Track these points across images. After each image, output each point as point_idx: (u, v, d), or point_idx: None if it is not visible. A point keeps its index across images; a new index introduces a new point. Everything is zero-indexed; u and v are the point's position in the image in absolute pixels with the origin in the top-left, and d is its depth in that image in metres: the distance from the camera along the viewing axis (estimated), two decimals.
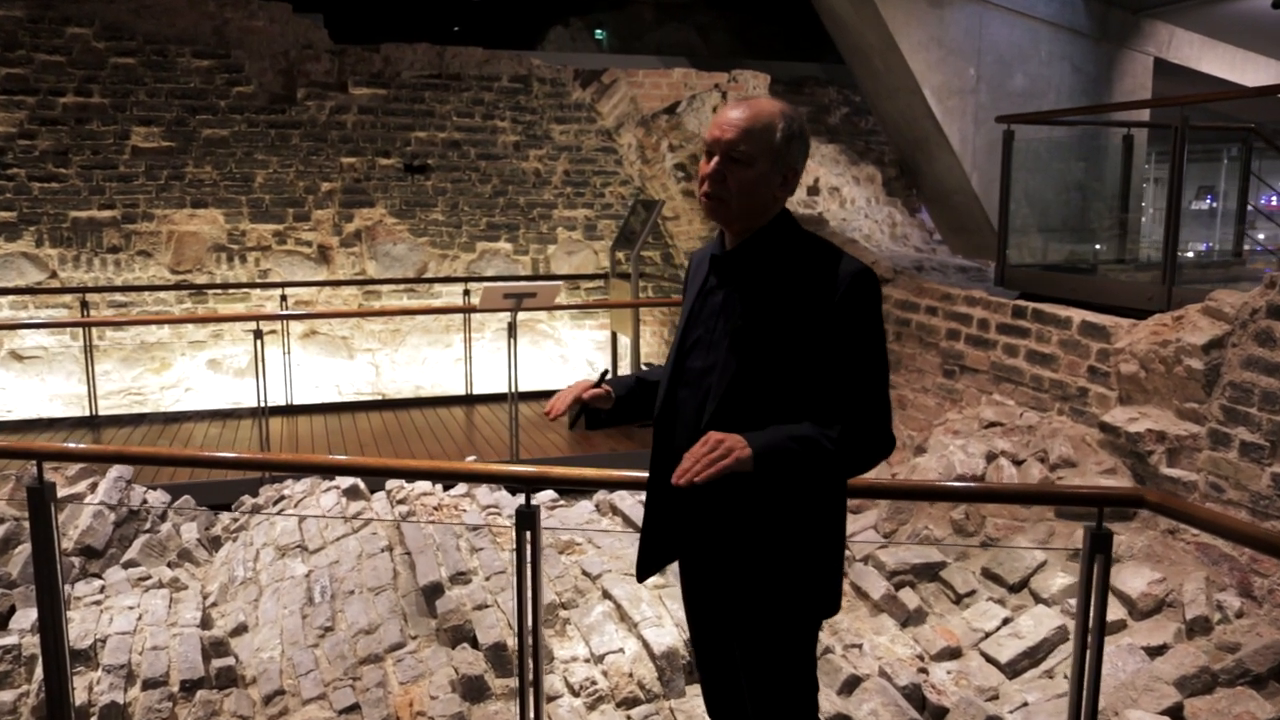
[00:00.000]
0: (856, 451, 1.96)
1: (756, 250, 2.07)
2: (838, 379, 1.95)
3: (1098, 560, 2.35)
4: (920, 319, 6.41)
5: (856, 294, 1.96)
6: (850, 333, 1.96)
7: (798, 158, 2.04)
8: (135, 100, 8.06)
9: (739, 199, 2.02)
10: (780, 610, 2.07)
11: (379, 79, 8.71)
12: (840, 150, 10.38)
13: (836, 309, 1.95)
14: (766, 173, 2.01)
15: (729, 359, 2.03)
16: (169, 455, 3.00)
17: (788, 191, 2.07)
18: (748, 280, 2.06)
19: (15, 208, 7.93)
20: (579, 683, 3.47)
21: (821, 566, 2.09)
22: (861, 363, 1.97)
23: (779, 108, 2.03)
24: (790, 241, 2.06)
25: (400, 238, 9.00)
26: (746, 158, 1.99)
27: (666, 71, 9.63)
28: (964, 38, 9.51)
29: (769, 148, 2.00)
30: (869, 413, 1.96)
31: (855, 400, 1.95)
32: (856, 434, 1.94)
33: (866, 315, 1.98)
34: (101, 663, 3.69)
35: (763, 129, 1.99)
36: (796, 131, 2.03)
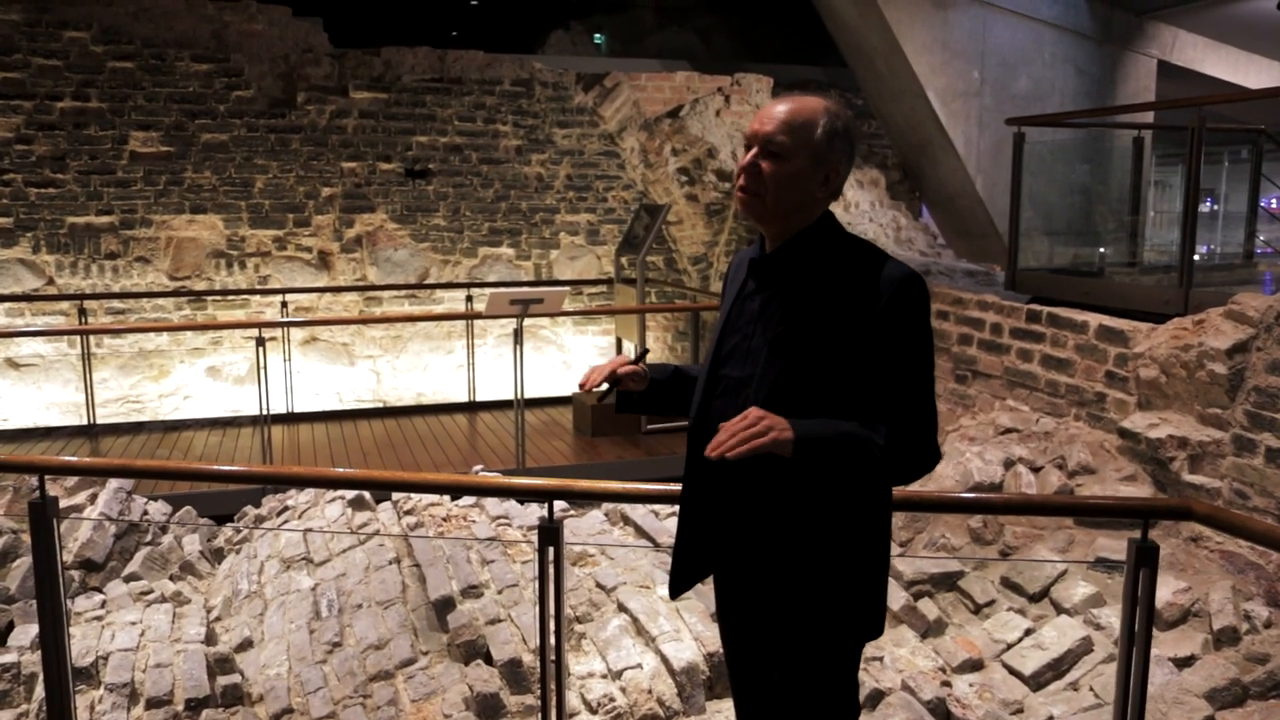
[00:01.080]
0: (900, 460, 1.87)
1: (797, 253, 1.98)
2: (883, 387, 1.87)
3: (1143, 574, 2.26)
4: (932, 323, 6.32)
5: (904, 299, 1.88)
6: (897, 339, 1.87)
7: (840, 157, 1.95)
8: (133, 105, 7.96)
9: (775, 195, 1.93)
10: (821, 630, 1.98)
11: (379, 83, 8.62)
12: None
13: (882, 315, 1.87)
14: (805, 169, 1.92)
15: (768, 367, 1.95)
16: (175, 469, 2.91)
17: (829, 192, 1.97)
18: (788, 285, 1.97)
19: (12, 213, 7.82)
20: (597, 700, 3.38)
21: (865, 584, 1.99)
22: (908, 370, 1.89)
23: (823, 104, 1.95)
24: (833, 244, 1.97)
25: (401, 243, 8.91)
26: (785, 151, 1.91)
27: (669, 75, 9.56)
28: (968, 40, 9.46)
29: (808, 143, 1.91)
30: (915, 422, 1.88)
31: (901, 409, 1.87)
32: (901, 442, 1.86)
33: (914, 321, 1.90)
34: (104, 681, 3.59)
35: (803, 123, 1.91)
36: (840, 130, 1.94)
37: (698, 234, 9.64)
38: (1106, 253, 7.23)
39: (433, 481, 2.86)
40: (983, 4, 9.43)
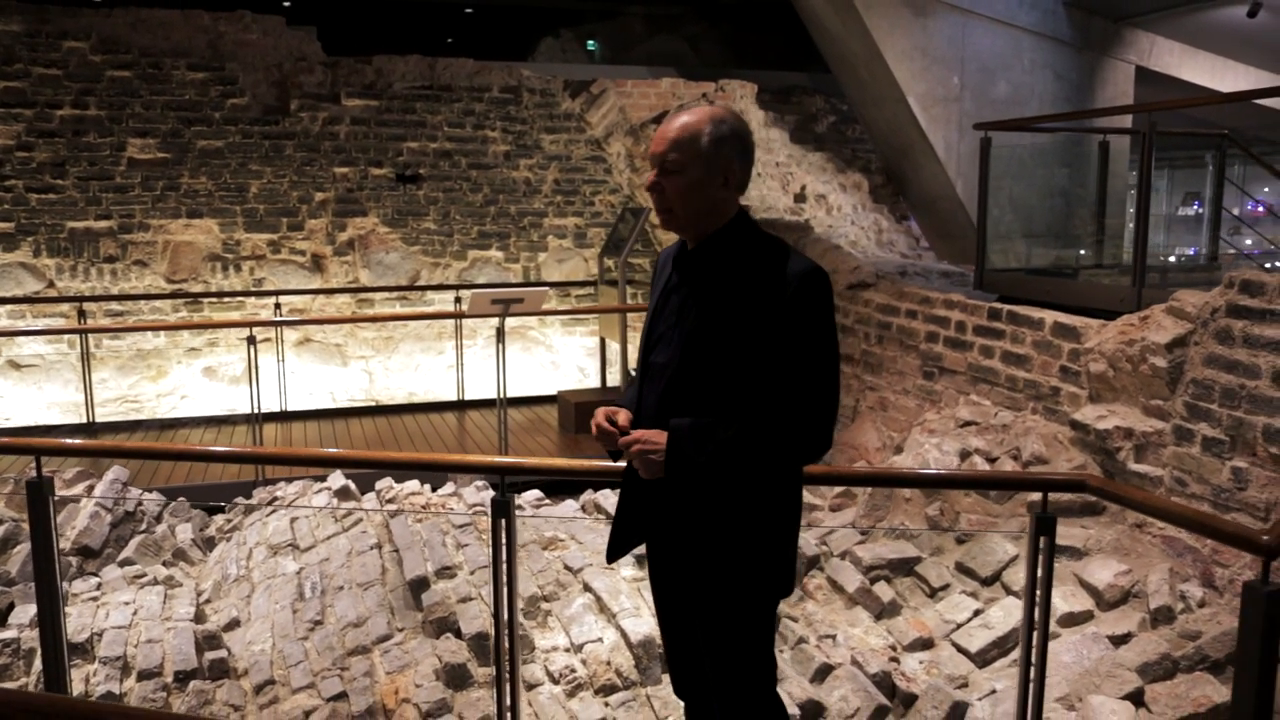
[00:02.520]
0: (792, 448, 2.07)
1: (712, 251, 2.17)
2: (783, 376, 2.05)
3: (1043, 542, 2.47)
4: (901, 322, 6.54)
5: (804, 293, 2.05)
6: (796, 331, 2.04)
7: (732, 158, 2.12)
8: (131, 112, 8.21)
9: (681, 206, 2.13)
10: (736, 592, 2.19)
11: (371, 90, 8.86)
12: (827, 158, 10.54)
13: (785, 308, 2.04)
14: (701, 177, 2.10)
15: (682, 356, 2.15)
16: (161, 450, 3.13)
17: (733, 191, 2.15)
18: (705, 280, 2.17)
19: (13, 218, 8.07)
20: (559, 671, 3.59)
21: (774, 551, 2.19)
22: (806, 361, 2.05)
23: (708, 114, 2.13)
24: (745, 242, 2.15)
25: (393, 246, 9.13)
26: (677, 166, 2.11)
27: (655, 81, 9.78)
28: (947, 46, 9.67)
29: (697, 154, 2.09)
30: (809, 411, 2.06)
31: (797, 398, 2.05)
32: (794, 430, 2.05)
33: (813, 314, 2.06)
34: (98, 655, 3.81)
35: (689, 137, 2.10)
36: (726, 133, 2.11)
37: None
38: (1073, 254, 7.45)
39: (386, 459, 3.08)
40: (962, 11, 9.64)
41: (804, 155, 10.33)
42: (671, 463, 2.06)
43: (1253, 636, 2.00)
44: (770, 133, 10.23)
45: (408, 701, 3.49)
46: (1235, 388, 4.21)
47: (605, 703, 3.52)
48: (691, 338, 2.13)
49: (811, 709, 3.54)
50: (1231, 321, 4.27)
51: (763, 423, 2.04)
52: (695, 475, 2.06)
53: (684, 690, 2.50)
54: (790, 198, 9.74)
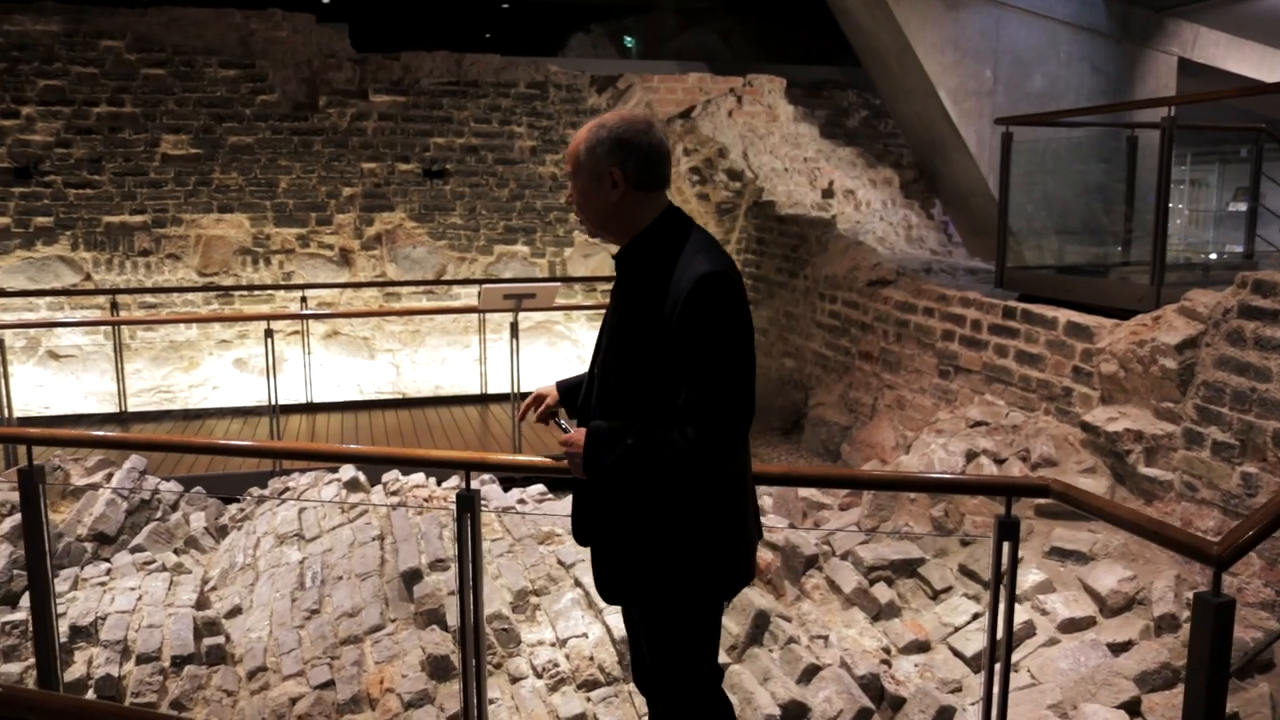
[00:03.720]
0: (692, 453, 2.05)
1: (632, 253, 2.22)
2: (679, 380, 2.07)
3: (1006, 546, 2.44)
4: (918, 320, 6.47)
5: (696, 297, 2.04)
6: (689, 335, 2.04)
7: (611, 161, 2.15)
8: (165, 109, 8.39)
9: (582, 212, 2.25)
10: (660, 591, 2.22)
11: (399, 86, 8.95)
12: (858, 153, 10.44)
13: (679, 311, 2.05)
14: (588, 183, 2.18)
15: (604, 359, 2.26)
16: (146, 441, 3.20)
17: (631, 192, 2.17)
18: (625, 282, 2.24)
19: (52, 213, 8.30)
20: (542, 665, 3.62)
21: (699, 551, 2.18)
22: (699, 365, 2.05)
23: (593, 123, 2.21)
24: (665, 244, 2.17)
25: (419, 241, 9.23)
26: (570, 176, 2.23)
27: (682, 77, 9.76)
28: (980, 39, 9.52)
29: (579, 163, 2.19)
30: (705, 415, 2.04)
31: (692, 402, 2.05)
32: (691, 435, 2.04)
33: (706, 318, 2.04)
34: (100, 638, 3.91)
35: (573, 150, 2.21)
36: (604, 137, 2.16)
37: (709, 232, 9.83)
38: (1099, 251, 7.31)
39: (358, 453, 3.13)
40: (996, 3, 9.49)
41: (833, 150, 10.24)
42: (586, 464, 2.16)
43: (1203, 648, 1.96)
44: (799, 128, 10.16)
45: (391, 691, 3.54)
46: (1246, 391, 4.10)
47: (587, 698, 3.53)
48: (610, 341, 2.24)
49: (795, 710, 3.52)
50: (1243, 323, 4.17)
51: (660, 427, 2.06)
52: (605, 477, 2.15)
53: (641, 684, 2.52)
54: (818, 193, 9.67)
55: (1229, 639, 1.94)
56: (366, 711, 3.55)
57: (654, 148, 2.21)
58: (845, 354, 7.42)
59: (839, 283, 7.50)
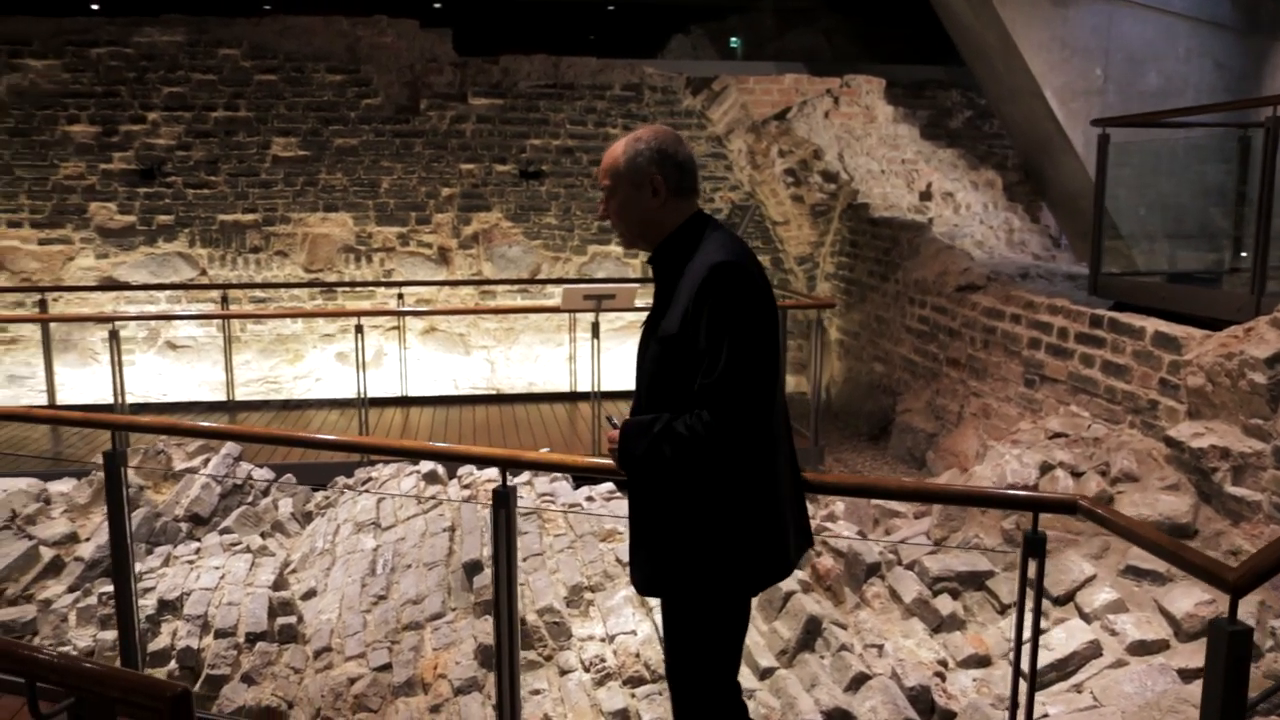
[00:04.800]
0: (711, 434, 2.10)
1: (662, 255, 2.32)
2: (701, 371, 2.13)
3: (1032, 563, 2.40)
4: (1005, 327, 6.31)
5: (706, 285, 2.12)
6: (701, 323, 2.12)
7: (651, 170, 2.25)
8: (276, 113, 8.81)
9: (621, 223, 2.34)
10: (668, 583, 2.30)
11: (497, 89, 9.18)
12: (959, 155, 10.20)
13: (694, 304, 2.13)
14: (629, 194, 2.28)
15: (641, 357, 2.34)
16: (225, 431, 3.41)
17: (668, 199, 2.27)
18: (658, 282, 2.32)
19: (173, 212, 8.82)
20: (589, 660, 3.69)
21: (716, 543, 2.21)
22: (712, 350, 2.11)
23: (630, 136, 2.32)
24: (688, 244, 2.26)
25: (515, 240, 9.44)
26: (609, 189, 2.32)
27: (778, 78, 9.71)
28: (1090, 36, 9.18)
29: (619, 174, 2.28)
30: (713, 404, 2.10)
31: (707, 385, 2.11)
32: (705, 426, 2.09)
33: (715, 305, 2.11)
34: (184, 613, 4.17)
35: (611, 161, 2.31)
36: (642, 149, 2.27)
37: (803, 234, 9.77)
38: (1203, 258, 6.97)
39: (398, 446, 3.25)
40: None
41: (933, 152, 10.02)
42: (620, 457, 2.28)
43: (1217, 677, 1.89)
44: (898, 129, 9.98)
45: (444, 677, 3.67)
46: None
47: (631, 694, 3.59)
48: (644, 339, 2.34)
49: (838, 718, 3.51)
50: None
51: (677, 419, 2.13)
52: (636, 468, 2.25)
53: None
54: (915, 196, 9.49)
55: (1245, 669, 1.86)
56: (419, 695, 3.69)
57: (687, 158, 2.32)
58: (933, 360, 7.28)
59: (928, 287, 7.35)
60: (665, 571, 2.28)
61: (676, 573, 2.25)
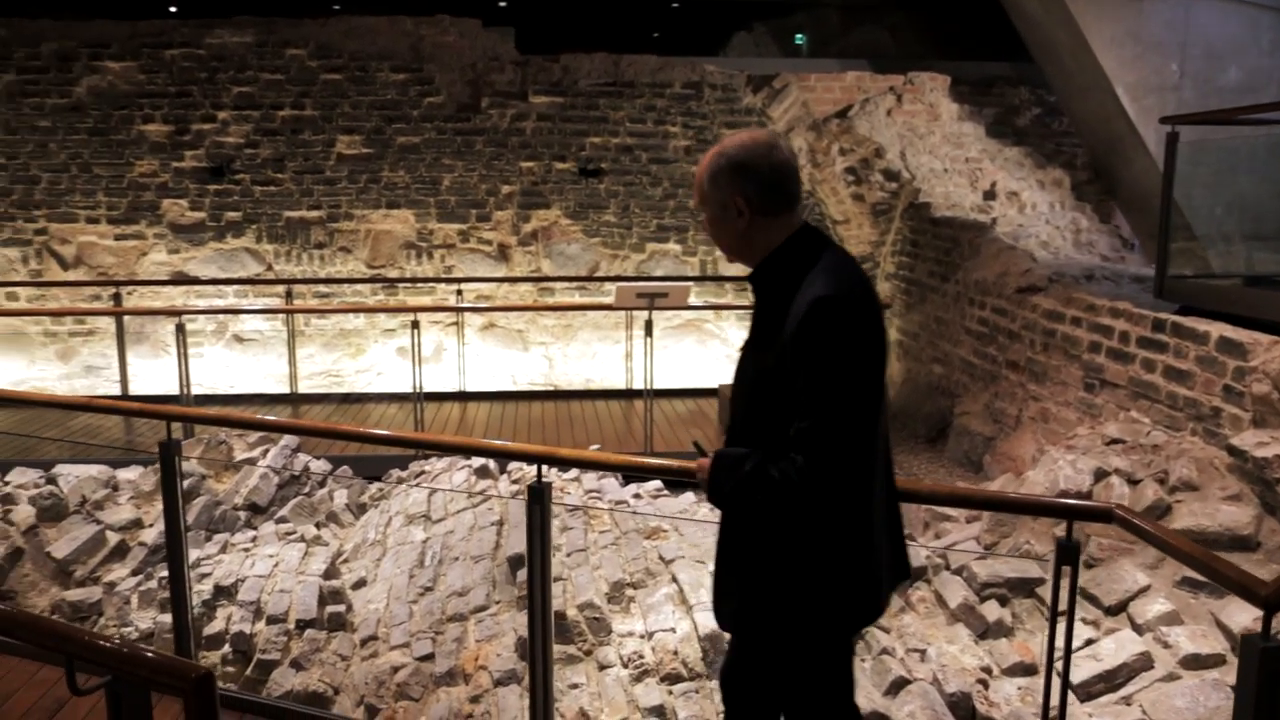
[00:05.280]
0: (805, 481, 1.97)
1: (762, 275, 2.16)
2: (798, 406, 1.99)
3: (1066, 571, 2.35)
4: (1065, 330, 6.17)
5: (808, 322, 1.97)
6: (801, 362, 1.97)
7: (733, 189, 2.10)
8: (341, 112, 9.01)
9: (717, 241, 2.24)
10: (766, 624, 2.18)
11: (558, 87, 9.25)
12: (1026, 153, 9.99)
13: (792, 338, 1.98)
14: (716, 214, 2.16)
15: (736, 383, 2.24)
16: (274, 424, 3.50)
17: (750, 218, 2.11)
18: (758, 303, 2.19)
19: (241, 208, 9.07)
20: (628, 655, 3.72)
21: (805, 585, 2.10)
22: (812, 392, 1.97)
23: (711, 153, 2.16)
24: (790, 267, 2.09)
25: (574, 238, 9.51)
26: (701, 209, 2.22)
27: (839, 75, 9.62)
28: (1165, 31, 8.92)
29: (705, 194, 2.16)
30: (815, 443, 1.96)
31: (805, 430, 1.97)
32: (799, 467, 1.96)
33: (817, 344, 1.97)
34: (238, 599, 4.30)
35: (699, 181, 2.18)
36: (723, 165, 2.11)
37: (864, 233, 9.67)
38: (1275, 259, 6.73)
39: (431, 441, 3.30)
40: None
41: (999, 150, 9.84)
42: (709, 490, 2.15)
43: (1248, 695, 1.83)
44: (963, 127, 9.81)
45: (484, 669, 3.73)
46: None
47: (669, 691, 3.61)
48: (740, 366, 2.22)
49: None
50: None
51: (774, 456, 2.00)
52: (724, 504, 2.17)
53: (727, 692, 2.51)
54: (978, 195, 9.32)
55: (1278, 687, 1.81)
56: (460, 685, 3.75)
57: (776, 169, 2.10)
58: (992, 362, 7.15)
59: (988, 288, 7.23)
60: (751, 610, 2.18)
61: (762, 613, 2.15)
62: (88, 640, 1.76)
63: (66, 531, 4.96)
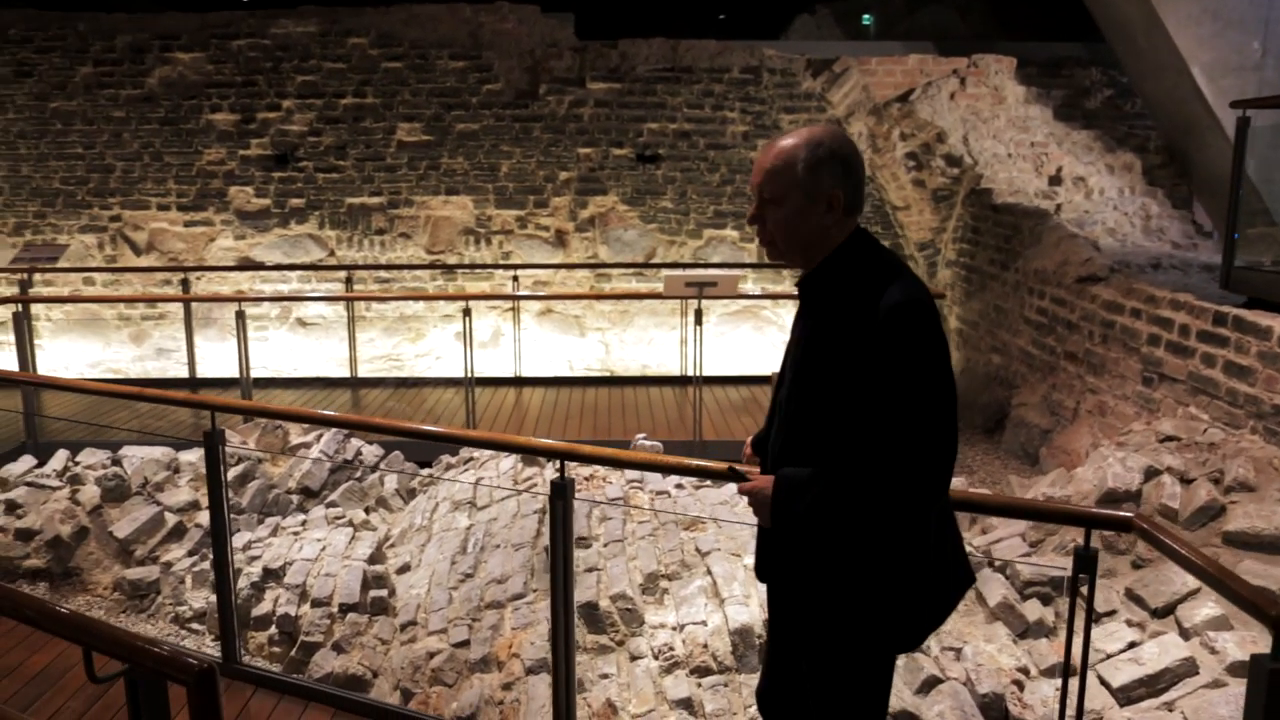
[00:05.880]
0: (888, 499, 1.93)
1: (820, 281, 2.06)
2: (873, 420, 1.92)
3: (1083, 579, 2.31)
4: (1125, 321, 6.01)
5: (891, 329, 1.90)
6: (883, 370, 1.90)
7: (833, 182, 2.00)
8: (401, 100, 9.14)
9: (784, 238, 2.05)
10: (836, 641, 2.10)
11: (615, 73, 9.25)
12: (1095, 136, 9.70)
13: (873, 345, 1.91)
14: (802, 206, 2.01)
15: (791, 396, 2.09)
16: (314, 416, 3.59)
17: (838, 216, 2.03)
18: (814, 311, 2.07)
19: (304, 195, 9.28)
20: (658, 647, 3.75)
21: (883, 603, 2.05)
22: (895, 404, 1.90)
23: (804, 138, 2.02)
24: (855, 269, 2.02)
25: (631, 224, 9.52)
26: (775, 197, 2.02)
27: (901, 59, 9.45)
28: (1246, 7, 8.56)
29: (794, 182, 2.00)
30: (901, 458, 1.90)
31: (888, 444, 1.90)
32: (886, 481, 1.91)
33: (902, 351, 1.90)
34: (285, 581, 4.43)
35: (784, 166, 2.01)
36: (823, 157, 1.99)
37: (925, 220, 9.51)
38: None
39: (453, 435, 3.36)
40: None
41: (1067, 134, 9.57)
42: (774, 513, 2.04)
43: (1256, 715, 1.79)
44: (1029, 110, 9.56)
45: (517, 656, 3.79)
46: None
47: (697, 683, 3.63)
48: (797, 377, 2.08)
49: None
50: None
51: (854, 473, 1.94)
52: (795, 526, 2.04)
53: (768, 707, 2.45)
54: (1043, 180, 9.09)
55: None
56: (494, 672, 3.82)
57: (863, 169, 2.08)
58: (1050, 353, 6.99)
59: (1048, 277, 7.06)
60: (822, 627, 2.11)
61: (836, 629, 2.09)
62: (103, 631, 1.84)
63: (128, 512, 5.16)
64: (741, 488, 2.11)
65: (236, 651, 3.67)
